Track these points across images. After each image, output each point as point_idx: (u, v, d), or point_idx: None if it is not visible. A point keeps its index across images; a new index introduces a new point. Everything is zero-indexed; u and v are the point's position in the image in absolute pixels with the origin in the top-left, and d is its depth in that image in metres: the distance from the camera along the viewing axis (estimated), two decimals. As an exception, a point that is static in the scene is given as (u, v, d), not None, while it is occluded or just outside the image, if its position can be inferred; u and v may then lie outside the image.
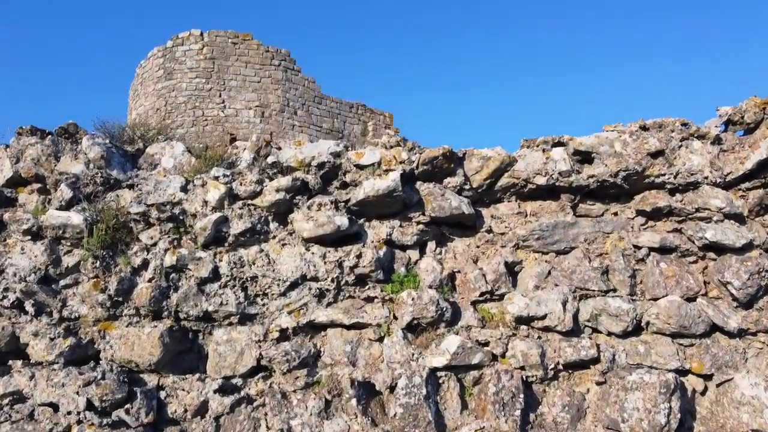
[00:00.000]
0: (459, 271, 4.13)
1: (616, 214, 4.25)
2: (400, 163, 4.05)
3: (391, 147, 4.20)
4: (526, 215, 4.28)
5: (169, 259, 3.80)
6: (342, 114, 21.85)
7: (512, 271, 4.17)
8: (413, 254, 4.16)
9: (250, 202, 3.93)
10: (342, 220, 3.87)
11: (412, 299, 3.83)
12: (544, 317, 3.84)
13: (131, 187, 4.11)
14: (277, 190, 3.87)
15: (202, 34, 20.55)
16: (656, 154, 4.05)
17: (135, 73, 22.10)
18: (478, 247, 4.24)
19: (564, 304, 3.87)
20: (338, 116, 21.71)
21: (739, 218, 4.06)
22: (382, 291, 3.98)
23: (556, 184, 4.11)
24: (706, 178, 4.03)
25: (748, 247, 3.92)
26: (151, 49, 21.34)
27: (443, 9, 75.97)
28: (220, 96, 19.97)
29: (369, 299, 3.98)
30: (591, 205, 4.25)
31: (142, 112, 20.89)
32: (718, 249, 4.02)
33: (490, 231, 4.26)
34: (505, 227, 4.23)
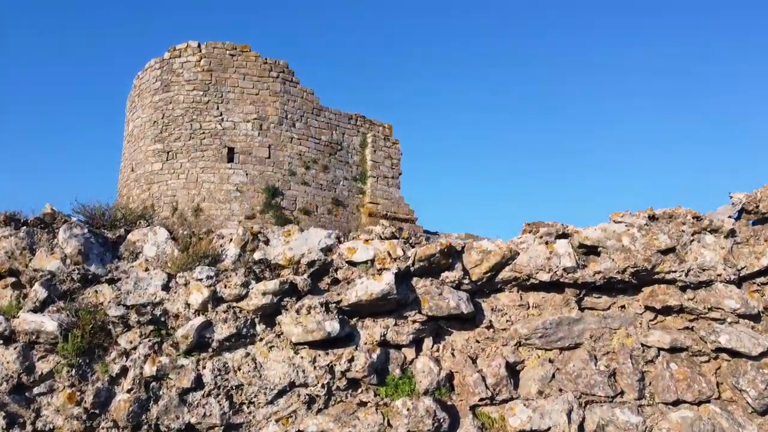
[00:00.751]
0: (458, 372, 3.91)
1: (623, 307, 4.03)
2: (395, 260, 3.82)
3: (386, 238, 3.96)
4: (529, 307, 4.06)
5: (149, 369, 3.58)
6: (341, 125, 21.61)
7: (514, 370, 3.95)
8: (409, 353, 3.94)
9: (235, 304, 3.72)
10: (333, 326, 3.65)
11: (408, 410, 3.62)
12: (548, 430, 3.62)
13: (111, 281, 3.89)
14: (264, 294, 3.65)
15: (199, 45, 20.29)
16: (667, 251, 3.82)
17: (132, 85, 21.84)
18: (477, 342, 4.02)
19: (569, 414, 3.65)
20: (337, 128, 21.48)
21: (754, 318, 3.84)
22: (375, 395, 3.77)
23: (560, 280, 3.89)
24: (720, 275, 3.81)
25: (765, 353, 3.70)
26: (149, 61, 21.08)
27: (445, 16, 75.62)
28: (217, 108, 19.73)
29: (362, 404, 3.77)
30: (597, 297, 4.03)
31: (139, 124, 20.67)
32: (733, 352, 3.80)
33: (490, 326, 4.04)
34: (507, 321, 4.01)
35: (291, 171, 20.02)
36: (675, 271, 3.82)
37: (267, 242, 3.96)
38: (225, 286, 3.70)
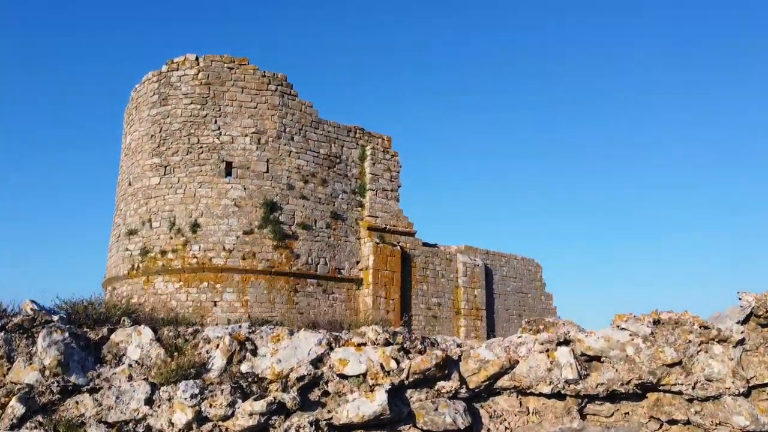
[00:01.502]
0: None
1: (627, 414, 3.87)
2: (388, 373, 3.66)
3: (379, 345, 3.79)
4: (528, 413, 3.89)
5: (131, 494, 3.42)
6: (340, 138, 21.42)
7: (512, 483, 3.79)
8: (403, 465, 3.77)
9: (221, 423, 3.55)
10: (322, 449, 3.48)
11: None
12: None
13: (93, 390, 3.72)
14: (251, 414, 3.49)
15: (197, 58, 20.08)
16: (673, 364, 3.65)
17: (130, 97, 21.63)
18: (474, 452, 3.85)
19: None
20: (336, 140, 21.29)
21: (764, 433, 3.67)
22: None
23: (562, 392, 3.73)
24: (728, 388, 3.64)
25: (775, 476, 3.54)
26: (146, 74, 20.87)
27: (445, 19, 75.15)
28: (215, 122, 19.55)
29: None
30: (599, 405, 3.87)
31: (137, 138, 20.47)
32: (741, 471, 3.64)
33: (488, 436, 3.87)
34: (506, 429, 3.85)
35: (289, 185, 19.85)
36: (681, 384, 3.66)
37: (255, 351, 3.79)
38: (210, 405, 3.54)
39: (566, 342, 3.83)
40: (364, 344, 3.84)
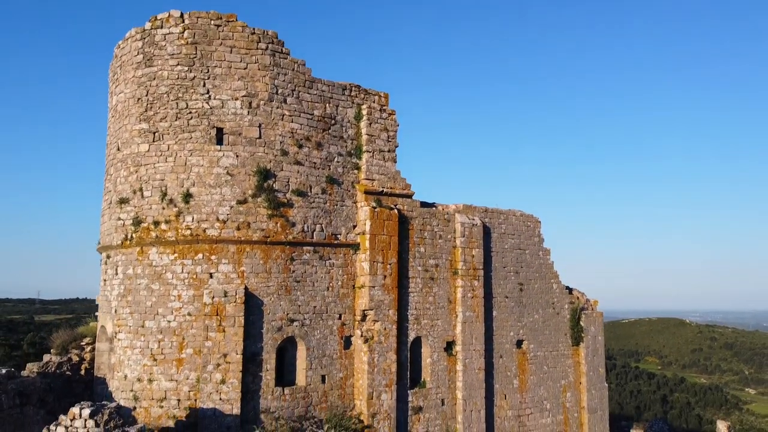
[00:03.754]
0: None
1: None
2: None
3: None
4: None
5: None
6: (334, 98, 20.68)
7: None
8: None
9: None
10: None
11: None
12: None
13: None
14: None
15: (182, 15, 19.08)
16: None
17: (113, 54, 20.66)
18: None
19: None
20: (330, 100, 20.56)
21: None
22: None
23: None
24: None
25: None
26: (129, 30, 19.83)
27: None
28: (204, 85, 18.80)
29: None
30: None
31: (123, 100, 19.79)
32: None
33: None
34: None
35: (283, 151, 19.28)
36: None
37: None
38: None
39: None
40: None
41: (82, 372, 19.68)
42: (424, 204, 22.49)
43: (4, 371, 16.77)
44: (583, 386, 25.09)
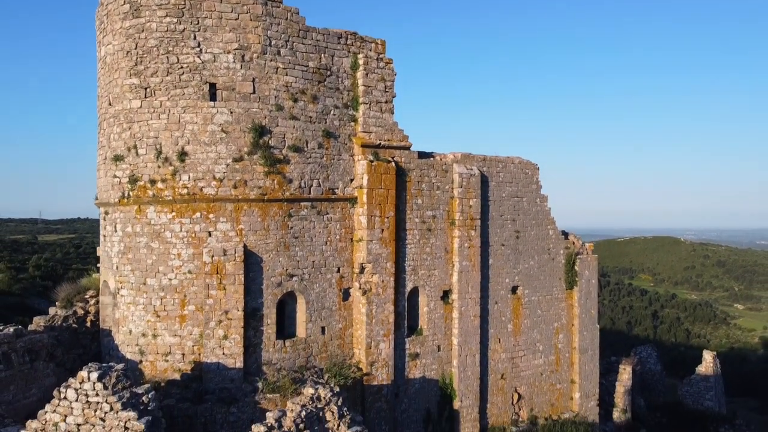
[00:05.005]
0: None
1: None
2: None
3: None
4: None
5: None
6: (330, 47, 20.08)
7: None
8: None
9: None
10: None
11: None
12: None
13: None
14: None
15: (168, -38, 18.08)
16: None
17: (99, 1, 19.84)
18: None
19: None
20: (325, 50, 19.99)
21: None
22: None
23: None
24: None
25: None
26: (113, -22, 18.92)
27: None
28: (194, 38, 18.22)
29: None
30: None
31: (112, 52, 19.24)
32: None
33: None
34: None
35: (278, 105, 18.93)
36: None
37: None
38: None
39: None
40: None
41: (88, 324, 20.22)
42: (421, 155, 22.32)
43: (12, 330, 17.21)
44: (575, 328, 25.86)
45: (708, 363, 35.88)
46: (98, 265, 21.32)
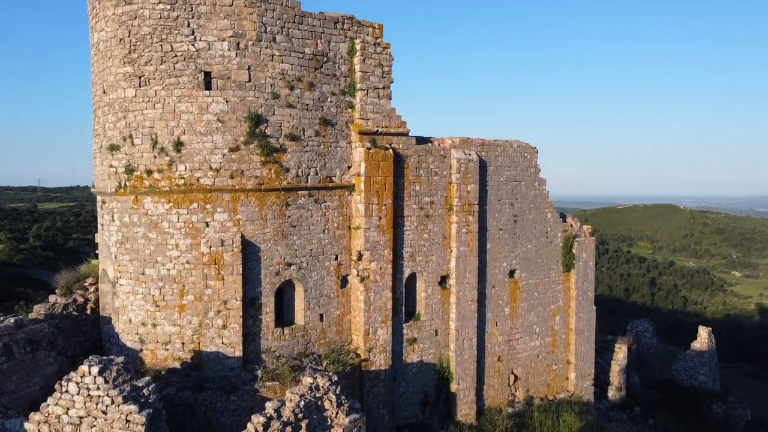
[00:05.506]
0: None
1: None
2: None
3: None
4: None
5: None
6: (326, 33, 19.79)
7: None
8: None
9: None
10: None
11: None
12: None
13: None
14: None
15: (159, -53, 17.68)
16: None
17: (89, -15, 19.42)
18: None
19: None
20: (322, 36, 19.70)
21: None
22: None
23: None
24: None
25: None
26: (104, -37, 18.50)
27: None
28: (188, 25, 17.93)
29: None
30: None
31: (105, 39, 18.94)
32: None
33: None
34: None
35: (274, 94, 18.73)
36: None
37: None
38: None
39: None
40: None
41: (88, 311, 20.38)
42: (420, 140, 22.16)
43: (12, 320, 17.36)
44: (572, 310, 26.07)
45: (703, 339, 36.29)
46: (97, 251, 21.38)
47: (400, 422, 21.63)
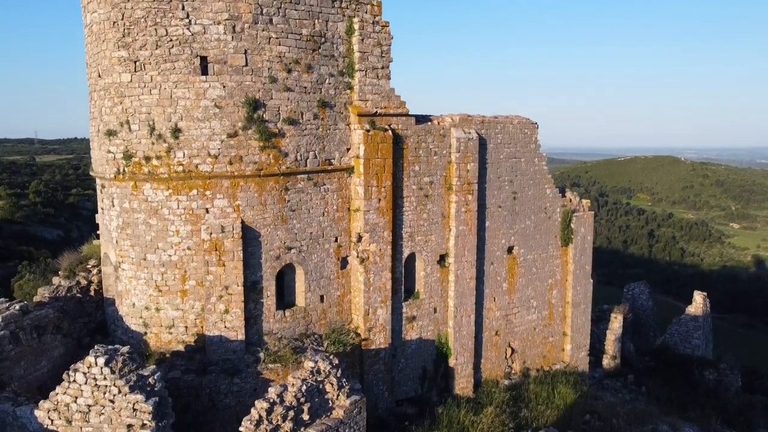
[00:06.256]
0: None
1: None
2: None
3: None
4: None
5: None
6: (324, 12, 19.41)
7: None
8: None
9: None
10: None
11: None
12: None
13: None
14: None
15: (150, -74, 17.14)
16: None
17: (80, -36, 18.89)
18: None
19: None
20: (319, 15, 19.32)
21: None
22: None
23: None
24: None
25: None
26: (94, -58, 17.95)
27: None
28: (183, 8, 17.58)
29: None
30: None
31: (98, 21, 18.57)
32: None
33: None
34: None
35: (272, 77, 18.48)
36: None
37: None
38: None
39: None
40: None
41: (92, 293, 20.65)
42: (419, 120, 21.98)
43: (18, 307, 17.62)
44: (569, 283, 26.41)
45: (698, 304, 36.83)
46: (98, 232, 21.51)
47: (399, 397, 22.23)
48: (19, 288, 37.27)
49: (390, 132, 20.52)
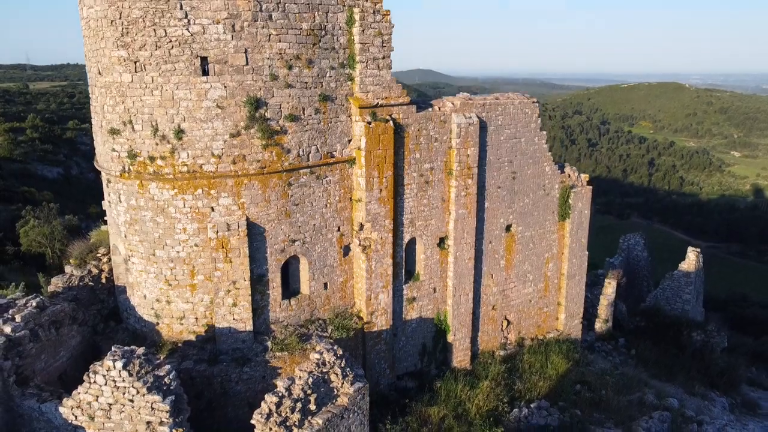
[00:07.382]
0: None
1: None
2: None
3: None
4: None
5: None
6: (324, 3, 19.18)
7: None
8: None
9: None
10: None
11: None
12: None
13: None
14: None
15: (144, -77, 16.66)
16: None
17: (73, -44, 18.41)
18: None
19: None
20: (319, 7, 19.09)
21: None
22: None
23: None
24: None
25: None
26: (86, -63, 17.45)
27: None
28: (181, 8, 17.40)
29: None
30: None
31: (95, 17, 18.38)
32: None
33: None
34: None
35: (272, 75, 18.43)
36: None
37: None
38: None
39: None
40: None
41: (103, 281, 21.38)
42: (420, 107, 21.98)
43: (34, 303, 18.37)
44: (565, 256, 27.15)
45: (691, 261, 37.79)
46: (105, 218, 21.99)
47: (399, 372, 23.44)
48: (24, 234, 37.91)
49: (391, 123, 20.61)
